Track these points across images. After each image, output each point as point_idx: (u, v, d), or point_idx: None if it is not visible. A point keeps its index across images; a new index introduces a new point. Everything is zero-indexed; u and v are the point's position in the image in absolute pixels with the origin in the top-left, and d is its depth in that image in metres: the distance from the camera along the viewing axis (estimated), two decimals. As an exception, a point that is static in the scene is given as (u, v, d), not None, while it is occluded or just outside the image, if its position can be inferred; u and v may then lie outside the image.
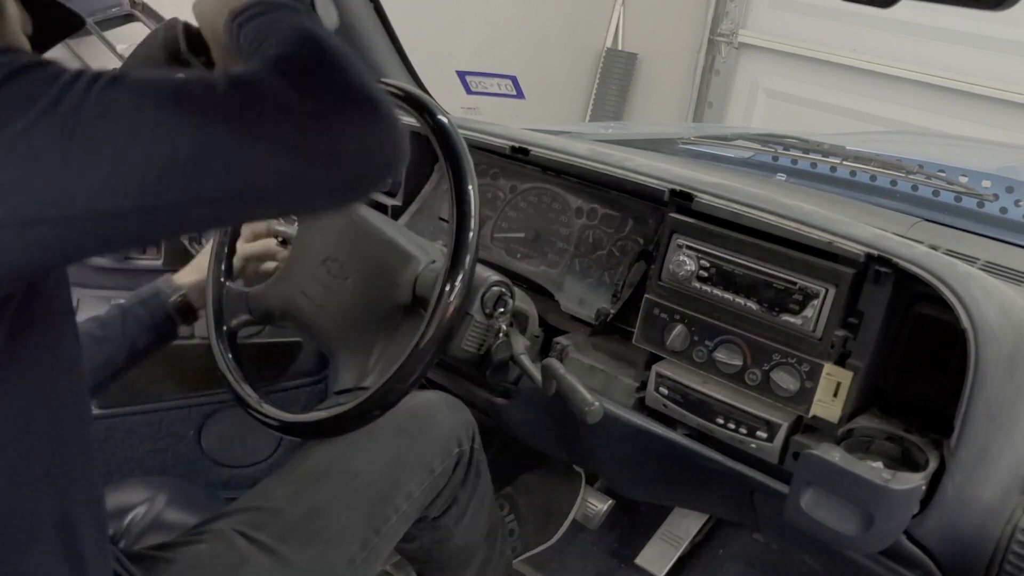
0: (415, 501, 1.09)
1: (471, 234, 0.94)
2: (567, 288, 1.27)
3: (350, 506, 1.03)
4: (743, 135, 1.78)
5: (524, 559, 1.56)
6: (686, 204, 1.09)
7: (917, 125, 3.78)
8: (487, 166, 1.37)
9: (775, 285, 1.00)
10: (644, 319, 1.11)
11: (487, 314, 1.06)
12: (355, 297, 1.07)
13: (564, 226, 1.30)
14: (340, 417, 0.96)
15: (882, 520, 0.85)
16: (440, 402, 1.19)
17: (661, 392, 1.09)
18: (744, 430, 1.02)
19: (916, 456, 0.93)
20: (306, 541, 0.98)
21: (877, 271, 0.96)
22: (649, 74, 4.59)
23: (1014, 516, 0.89)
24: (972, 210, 1.47)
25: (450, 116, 1.00)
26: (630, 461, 1.24)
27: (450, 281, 0.93)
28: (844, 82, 4.01)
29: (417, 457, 1.10)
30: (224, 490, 1.57)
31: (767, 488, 1.02)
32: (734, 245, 1.04)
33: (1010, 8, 0.55)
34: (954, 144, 2.55)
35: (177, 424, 1.52)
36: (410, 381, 0.93)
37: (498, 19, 4.10)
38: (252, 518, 0.99)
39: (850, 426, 0.97)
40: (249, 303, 1.16)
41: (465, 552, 1.27)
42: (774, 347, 1.00)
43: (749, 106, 4.45)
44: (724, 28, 4.40)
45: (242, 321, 1.16)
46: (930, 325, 0.97)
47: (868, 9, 0.64)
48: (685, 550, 1.63)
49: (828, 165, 1.60)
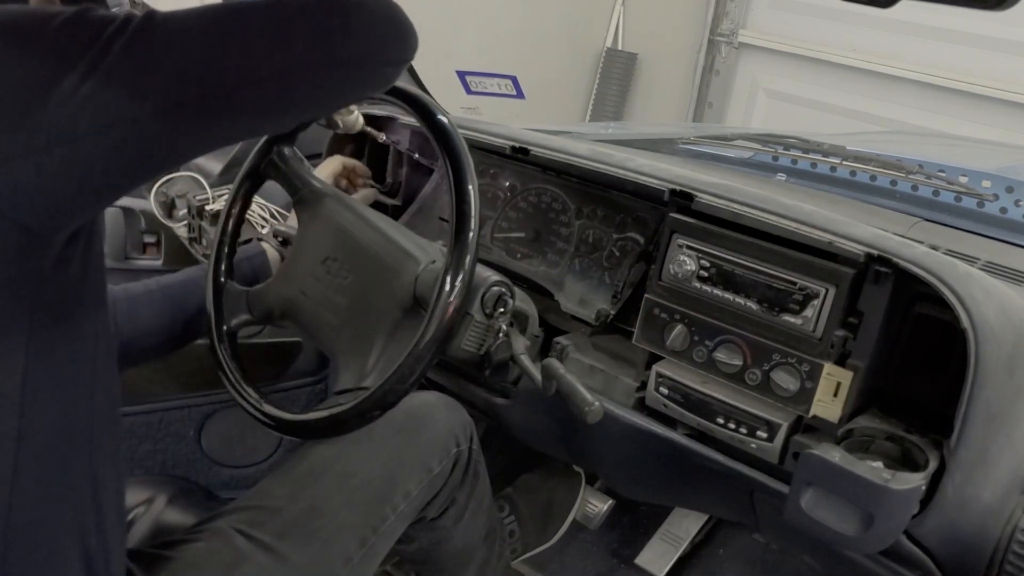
0: (413, 501, 1.09)
1: (471, 234, 0.94)
2: (567, 288, 1.27)
3: (348, 505, 1.03)
4: (743, 135, 1.78)
5: (524, 559, 1.56)
6: (686, 204, 1.09)
7: (917, 125, 3.78)
8: (487, 166, 1.37)
9: (775, 285, 1.01)
10: (644, 319, 1.11)
11: (487, 314, 1.06)
12: (355, 297, 1.07)
13: (564, 226, 1.30)
14: (340, 417, 0.96)
15: (882, 520, 0.85)
16: (438, 402, 1.19)
17: (661, 392, 1.09)
18: (744, 430, 1.02)
19: (916, 456, 0.93)
20: (304, 539, 0.98)
21: (877, 271, 0.96)
22: (649, 74, 4.59)
23: (1014, 516, 0.89)
24: (972, 210, 1.47)
25: (450, 116, 1.00)
26: (630, 461, 1.24)
27: (450, 281, 0.93)
28: (844, 82, 4.01)
29: (415, 457, 1.11)
30: (224, 490, 1.57)
31: (767, 488, 1.02)
32: (734, 245, 1.04)
33: (1010, 8, 0.55)
34: (954, 144, 2.55)
35: (177, 424, 1.52)
36: (410, 381, 0.93)
37: (498, 19, 4.10)
38: (251, 516, 0.99)
39: (850, 426, 0.97)
40: (249, 302, 1.16)
41: (463, 553, 1.27)
42: (774, 347, 1.00)
43: (749, 106, 4.45)
44: (724, 28, 4.40)
45: (242, 321, 1.16)
46: (930, 325, 0.97)
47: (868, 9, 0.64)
48: (685, 550, 1.63)
49: (828, 165, 1.60)
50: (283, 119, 0.75)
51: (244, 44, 0.65)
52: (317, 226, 1.14)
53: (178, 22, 0.64)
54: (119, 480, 0.81)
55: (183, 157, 0.73)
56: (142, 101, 0.62)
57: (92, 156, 0.63)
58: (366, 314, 1.05)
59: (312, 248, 1.13)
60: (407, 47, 0.75)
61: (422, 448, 1.12)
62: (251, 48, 0.65)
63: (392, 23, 0.73)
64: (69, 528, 0.74)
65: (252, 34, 0.65)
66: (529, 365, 1.07)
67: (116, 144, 0.63)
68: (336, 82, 0.72)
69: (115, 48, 0.62)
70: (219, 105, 0.66)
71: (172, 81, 0.63)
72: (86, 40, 0.62)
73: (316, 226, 1.14)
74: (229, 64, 0.65)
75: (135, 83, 0.62)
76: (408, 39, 0.75)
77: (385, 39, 0.72)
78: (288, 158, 1.16)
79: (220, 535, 0.97)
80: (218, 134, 0.70)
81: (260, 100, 0.68)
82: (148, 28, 0.63)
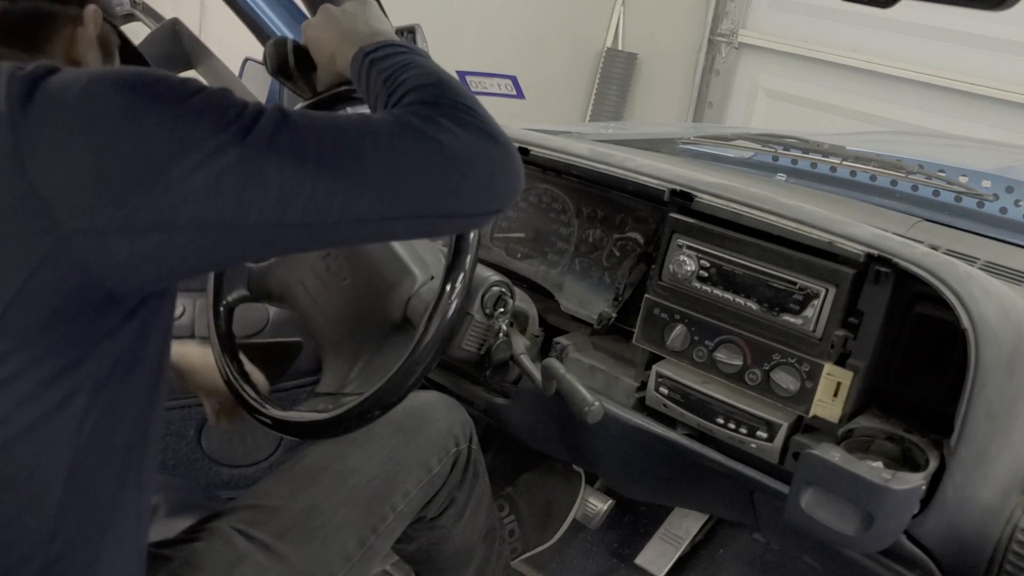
0: (412, 500, 1.09)
1: (471, 234, 0.94)
2: (567, 288, 1.27)
3: (347, 504, 1.03)
4: (743, 135, 1.78)
5: (524, 559, 1.56)
6: (686, 204, 1.09)
7: (917, 125, 3.78)
8: (487, 166, 1.37)
9: (775, 285, 1.00)
10: (644, 319, 1.11)
11: (487, 314, 1.06)
12: (348, 303, 1.07)
13: (564, 226, 1.30)
14: (340, 417, 0.96)
15: (882, 520, 0.85)
16: (438, 402, 1.19)
17: (661, 392, 1.09)
18: (744, 430, 1.02)
19: (916, 456, 0.93)
20: (303, 539, 0.98)
21: (877, 271, 0.96)
22: (649, 74, 4.59)
23: (1014, 516, 0.89)
24: (972, 210, 1.47)
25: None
26: (630, 461, 1.24)
27: (450, 281, 0.93)
28: (844, 82, 4.01)
29: (414, 456, 1.11)
30: (224, 490, 1.57)
31: (767, 488, 1.02)
32: (734, 245, 1.04)
33: (1010, 8, 0.55)
34: (954, 144, 2.55)
35: (177, 424, 1.52)
36: (410, 382, 0.93)
37: (498, 19, 4.10)
38: (250, 516, 0.99)
39: (850, 426, 0.97)
40: (249, 280, 1.16)
41: (463, 553, 1.27)
42: (774, 347, 1.00)
43: (749, 106, 4.45)
44: (724, 28, 4.40)
45: (239, 296, 1.17)
46: (930, 325, 0.97)
47: (868, 9, 0.65)
48: (685, 550, 1.63)
49: (828, 165, 1.60)
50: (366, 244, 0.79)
51: (356, 188, 0.65)
52: None
53: (295, 145, 0.64)
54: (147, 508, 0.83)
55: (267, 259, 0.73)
56: (246, 213, 0.63)
57: (186, 250, 0.64)
58: (356, 323, 1.05)
59: None
60: (509, 199, 0.75)
61: (421, 447, 1.12)
62: (361, 193, 0.66)
63: (502, 182, 0.73)
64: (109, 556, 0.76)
65: (366, 179, 0.66)
66: (529, 365, 1.07)
67: (210, 245, 0.65)
68: (432, 228, 0.74)
69: (229, 154, 0.62)
70: (316, 233, 0.66)
71: (278, 206, 0.63)
72: (201, 135, 0.62)
73: None
74: (336, 204, 0.65)
75: (242, 195, 0.62)
76: (512, 195, 0.75)
77: (491, 197, 0.73)
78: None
79: (219, 535, 0.97)
80: (303, 249, 0.72)
81: (357, 234, 0.70)
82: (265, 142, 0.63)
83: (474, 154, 0.70)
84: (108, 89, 0.62)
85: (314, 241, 0.68)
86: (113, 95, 0.62)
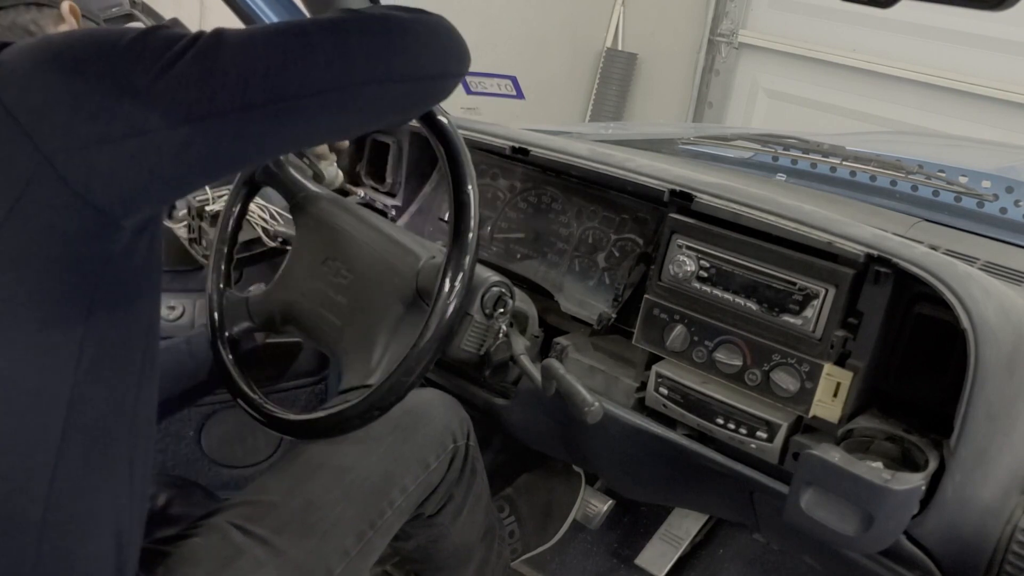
0: (410, 496, 1.10)
1: (471, 234, 0.94)
2: (567, 289, 1.27)
3: (345, 500, 1.03)
4: (743, 135, 1.78)
5: (524, 559, 1.56)
6: (686, 204, 1.09)
7: (917, 125, 3.77)
8: (487, 166, 1.37)
9: (775, 285, 1.00)
10: (644, 319, 1.11)
11: (487, 314, 1.06)
12: (357, 295, 1.07)
13: (564, 226, 1.30)
14: (340, 417, 0.96)
15: (882, 520, 0.85)
16: (435, 399, 1.20)
17: (661, 392, 1.09)
18: (744, 430, 1.02)
19: (916, 456, 0.93)
20: (301, 534, 0.99)
21: (877, 271, 0.96)
22: (649, 74, 4.59)
23: (1014, 516, 0.89)
24: (972, 210, 1.47)
25: (450, 116, 1.00)
26: (630, 461, 1.24)
27: (450, 281, 0.93)
28: (844, 82, 4.01)
29: (412, 452, 1.11)
30: (224, 490, 1.57)
31: (767, 488, 1.02)
32: (734, 245, 1.04)
33: (1010, 8, 0.55)
34: (954, 144, 2.55)
35: (177, 424, 1.52)
36: (409, 382, 0.93)
37: (498, 19, 4.10)
38: (247, 511, 1.00)
39: (850, 426, 0.97)
40: (250, 309, 1.16)
41: (462, 551, 1.27)
42: (774, 347, 1.00)
43: (749, 106, 4.45)
44: (724, 28, 4.40)
45: (244, 328, 1.16)
46: (930, 325, 0.97)
47: (868, 9, 0.65)
48: (685, 550, 1.63)
49: (828, 165, 1.60)
50: (343, 129, 0.81)
51: (306, 57, 0.70)
52: (315, 229, 1.14)
53: (244, 37, 0.69)
54: (147, 465, 0.85)
55: (250, 160, 0.80)
56: (210, 102, 0.67)
57: (162, 150, 0.68)
58: (368, 312, 1.05)
59: (311, 251, 1.13)
60: (461, 63, 0.81)
61: (419, 444, 1.12)
62: (313, 61, 0.70)
63: (445, 41, 0.79)
64: (106, 502, 0.78)
65: (314, 49, 0.70)
66: (529, 365, 1.07)
67: (185, 141, 0.68)
68: (393, 95, 0.77)
69: (187, 56, 0.67)
70: (283, 111, 0.70)
71: (239, 86, 0.68)
72: (159, 49, 0.68)
73: (314, 229, 1.14)
74: (292, 74, 0.69)
75: (204, 86, 0.67)
76: (462, 56, 0.81)
77: (439, 56, 0.79)
78: (283, 164, 1.16)
79: (217, 530, 0.97)
80: (281, 140, 0.74)
81: (322, 109, 0.72)
82: (216, 41, 0.68)
83: (408, 19, 0.76)
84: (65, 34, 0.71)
85: (283, 124, 0.71)
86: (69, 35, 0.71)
